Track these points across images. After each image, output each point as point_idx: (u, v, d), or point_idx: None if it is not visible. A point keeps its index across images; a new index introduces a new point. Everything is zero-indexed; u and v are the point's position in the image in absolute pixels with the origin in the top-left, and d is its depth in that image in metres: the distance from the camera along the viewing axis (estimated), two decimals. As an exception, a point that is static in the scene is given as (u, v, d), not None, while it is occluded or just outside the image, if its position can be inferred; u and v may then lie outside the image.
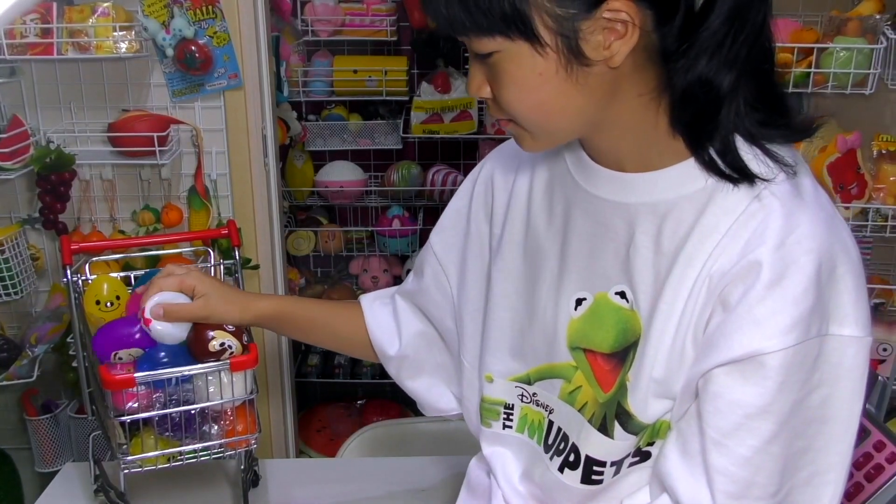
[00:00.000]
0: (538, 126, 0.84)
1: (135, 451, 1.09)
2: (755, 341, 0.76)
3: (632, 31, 0.75)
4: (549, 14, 0.75)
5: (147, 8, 1.78)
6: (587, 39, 0.76)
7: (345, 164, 2.73)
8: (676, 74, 0.77)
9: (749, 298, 0.77)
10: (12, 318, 2.01)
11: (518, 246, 0.98)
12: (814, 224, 0.77)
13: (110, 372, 1.04)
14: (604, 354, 0.89)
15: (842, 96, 1.83)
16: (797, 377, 0.77)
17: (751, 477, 0.79)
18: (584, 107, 0.80)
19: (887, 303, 1.93)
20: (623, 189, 0.86)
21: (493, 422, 1.02)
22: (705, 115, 0.79)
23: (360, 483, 1.35)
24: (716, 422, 0.80)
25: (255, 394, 1.12)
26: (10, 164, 1.73)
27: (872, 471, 1.08)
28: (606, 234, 0.87)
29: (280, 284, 2.04)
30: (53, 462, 2.02)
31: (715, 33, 0.75)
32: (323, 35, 2.54)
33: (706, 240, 0.80)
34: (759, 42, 0.78)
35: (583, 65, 0.77)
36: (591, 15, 0.75)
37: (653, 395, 0.85)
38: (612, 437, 0.87)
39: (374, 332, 1.14)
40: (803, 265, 0.76)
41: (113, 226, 1.93)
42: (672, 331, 0.83)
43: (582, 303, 0.91)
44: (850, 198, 1.80)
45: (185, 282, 1.08)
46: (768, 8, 0.78)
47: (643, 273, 0.85)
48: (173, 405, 1.06)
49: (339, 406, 2.82)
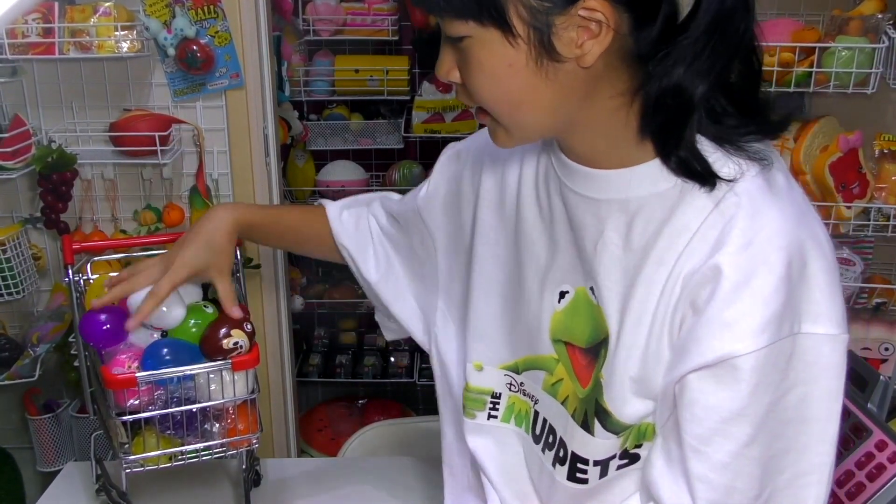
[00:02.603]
0: (506, 118, 0.83)
1: (137, 451, 1.09)
2: (726, 344, 0.75)
3: (606, 32, 0.74)
4: (524, 4, 0.75)
5: (148, 7, 1.78)
6: (560, 35, 0.75)
7: (346, 163, 2.73)
8: (650, 80, 0.77)
9: (717, 301, 0.76)
10: (14, 318, 2.01)
11: (509, 235, 0.97)
12: (783, 220, 0.76)
13: (112, 371, 1.04)
14: (581, 349, 0.89)
15: (843, 96, 1.83)
16: (771, 378, 0.76)
17: (731, 482, 0.78)
18: (553, 103, 0.80)
19: (889, 302, 1.93)
20: (595, 185, 0.85)
21: (477, 412, 1.01)
22: (675, 122, 0.78)
23: (362, 482, 1.35)
24: (693, 429, 0.79)
25: (256, 393, 1.12)
26: (12, 164, 1.73)
27: (874, 470, 1.08)
28: (581, 229, 0.87)
29: (281, 284, 2.04)
30: (55, 461, 2.02)
31: (695, 42, 0.75)
32: (324, 34, 2.54)
33: (677, 238, 0.79)
34: (739, 53, 0.77)
35: (553, 60, 0.77)
36: (566, 11, 0.74)
37: (632, 393, 0.84)
38: (593, 434, 0.87)
39: (337, 231, 1.20)
40: (773, 263, 0.74)
41: (114, 225, 1.93)
42: (646, 330, 0.82)
43: (565, 296, 0.91)
44: (852, 197, 1.79)
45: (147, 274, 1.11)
46: (751, 18, 0.77)
47: (610, 269, 0.84)
48: (175, 403, 1.06)
49: (340, 405, 2.83)
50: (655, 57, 0.76)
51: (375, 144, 2.70)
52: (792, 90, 1.79)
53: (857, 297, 1.92)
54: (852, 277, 1.88)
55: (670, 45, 0.75)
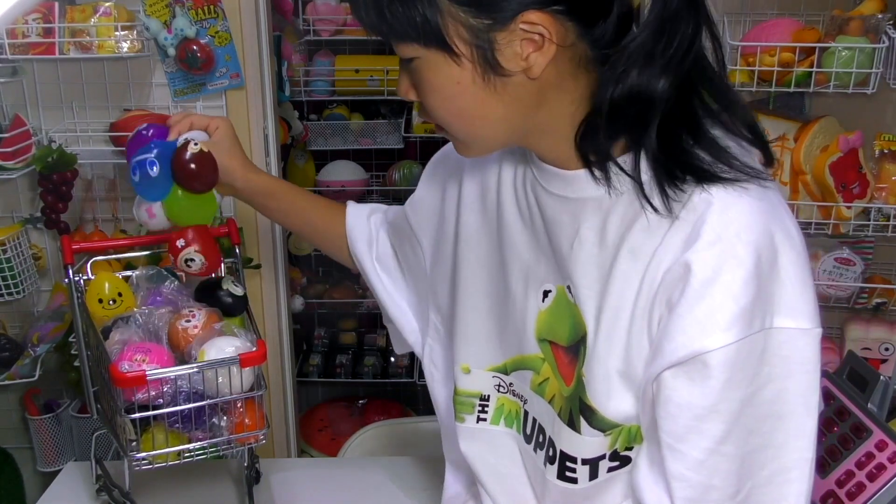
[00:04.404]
0: (462, 133, 0.84)
1: (145, 448, 1.09)
2: (696, 341, 0.75)
3: (548, 44, 0.74)
4: (463, 24, 0.75)
5: (149, 7, 1.78)
6: (503, 51, 0.76)
7: (346, 163, 2.73)
8: (606, 84, 0.76)
9: (688, 298, 0.76)
10: (14, 318, 2.01)
11: (491, 237, 0.97)
12: (752, 214, 0.75)
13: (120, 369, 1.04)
14: (563, 347, 0.89)
15: (844, 96, 1.83)
16: (743, 374, 0.75)
17: (707, 480, 0.78)
18: (506, 115, 0.80)
19: (889, 302, 1.93)
20: (568, 185, 0.85)
21: (466, 416, 1.01)
22: (637, 124, 0.78)
23: (362, 482, 1.35)
24: (668, 427, 0.79)
25: (264, 390, 1.12)
26: (12, 164, 1.73)
27: (874, 470, 1.08)
28: (558, 228, 0.87)
29: (282, 284, 2.04)
30: (55, 461, 2.02)
31: (643, 45, 0.74)
32: (324, 34, 2.55)
33: (651, 234, 0.79)
34: (691, 54, 0.76)
35: (500, 75, 0.77)
36: (506, 27, 0.74)
37: (618, 388, 0.84)
38: (580, 432, 0.87)
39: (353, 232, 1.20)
40: (741, 258, 0.74)
41: (115, 225, 1.93)
42: (625, 324, 0.82)
43: (548, 294, 0.91)
44: (853, 197, 1.79)
45: (213, 121, 1.18)
46: (701, 18, 0.76)
47: (587, 267, 0.84)
48: (182, 397, 1.06)
49: (340, 405, 2.83)
50: (609, 60, 0.76)
51: (375, 144, 2.70)
52: (792, 90, 1.79)
53: (857, 297, 1.92)
54: (852, 277, 1.88)
55: (621, 49, 0.75)
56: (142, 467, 1.10)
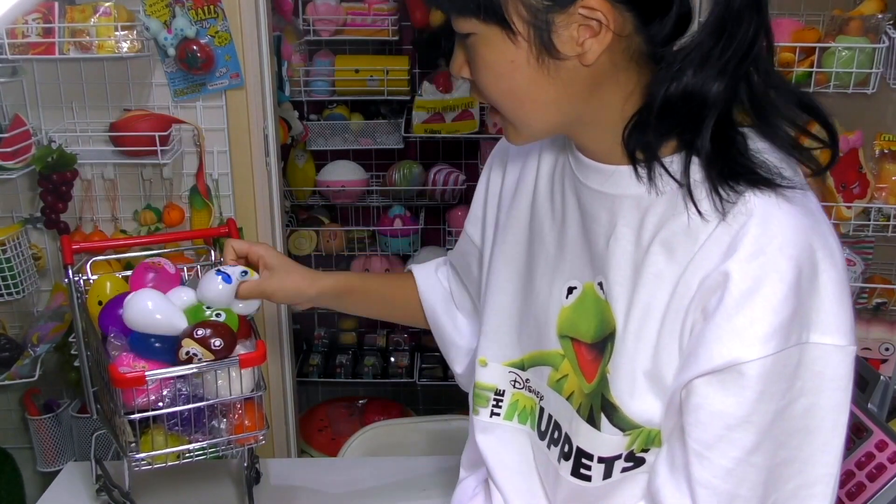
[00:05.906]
0: (511, 114, 0.84)
1: (145, 449, 1.09)
2: (734, 350, 0.75)
3: (605, 31, 0.75)
4: (523, 3, 0.76)
5: (149, 7, 1.78)
6: (560, 33, 0.76)
7: (346, 163, 2.73)
8: (660, 82, 0.77)
9: (726, 307, 0.75)
10: (14, 318, 2.01)
11: (522, 230, 0.98)
12: (795, 229, 0.75)
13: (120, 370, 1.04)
14: (587, 344, 0.89)
15: (844, 96, 1.83)
16: (777, 386, 0.75)
17: (734, 489, 0.78)
18: (556, 99, 0.81)
19: (889, 302, 1.93)
20: (608, 180, 0.85)
21: (481, 409, 1.02)
22: (689, 125, 0.78)
23: (361, 482, 1.35)
24: (698, 434, 0.79)
25: (263, 390, 1.12)
26: (12, 164, 1.73)
27: (874, 470, 1.08)
28: (594, 224, 0.87)
29: (281, 284, 2.04)
30: (55, 461, 2.02)
31: (700, 45, 0.74)
32: (324, 34, 2.54)
33: (690, 237, 0.79)
34: (750, 56, 0.75)
35: (554, 58, 0.77)
36: (565, 9, 0.75)
37: (642, 388, 0.84)
38: (600, 429, 0.87)
39: (426, 294, 1.17)
40: (783, 272, 0.74)
41: (115, 225, 1.93)
42: (656, 324, 0.82)
43: (573, 291, 0.91)
44: (853, 197, 1.79)
45: (253, 249, 1.10)
46: (761, 21, 0.75)
47: (621, 264, 0.84)
48: (182, 399, 1.06)
49: (340, 405, 2.82)
50: (664, 58, 0.76)
51: (375, 144, 2.70)
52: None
53: (858, 297, 1.92)
54: (853, 277, 1.88)
55: (679, 47, 0.75)
56: (141, 468, 1.10)
